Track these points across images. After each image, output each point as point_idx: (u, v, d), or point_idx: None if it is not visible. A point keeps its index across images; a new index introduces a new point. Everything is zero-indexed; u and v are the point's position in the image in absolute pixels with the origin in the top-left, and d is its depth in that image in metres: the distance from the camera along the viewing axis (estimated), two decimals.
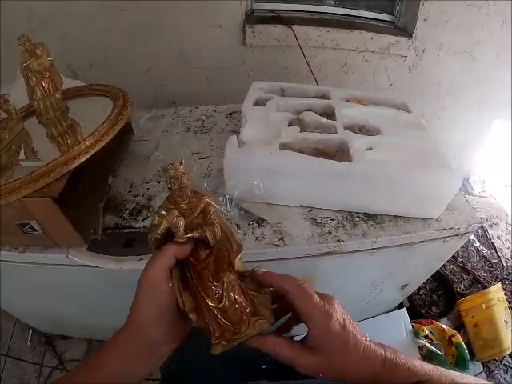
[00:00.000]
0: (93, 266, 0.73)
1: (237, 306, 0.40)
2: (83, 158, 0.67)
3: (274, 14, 1.37)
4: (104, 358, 0.42)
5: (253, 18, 1.35)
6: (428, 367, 0.40)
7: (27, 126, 0.89)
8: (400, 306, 1.37)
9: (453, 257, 1.70)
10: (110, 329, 1.24)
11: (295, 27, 1.30)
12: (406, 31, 1.47)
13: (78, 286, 0.91)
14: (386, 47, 1.42)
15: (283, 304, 0.43)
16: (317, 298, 0.40)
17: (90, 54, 1.34)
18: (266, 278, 0.42)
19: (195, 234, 0.42)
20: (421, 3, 1.34)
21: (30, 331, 1.50)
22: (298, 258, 0.75)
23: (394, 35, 1.43)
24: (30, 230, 0.72)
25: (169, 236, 0.43)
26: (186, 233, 0.42)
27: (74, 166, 0.67)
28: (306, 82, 1.36)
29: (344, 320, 0.40)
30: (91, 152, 0.68)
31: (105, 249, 0.73)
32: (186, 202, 0.44)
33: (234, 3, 1.26)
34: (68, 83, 0.94)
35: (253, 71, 1.44)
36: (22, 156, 0.81)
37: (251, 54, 1.40)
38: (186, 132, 1.02)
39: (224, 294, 0.41)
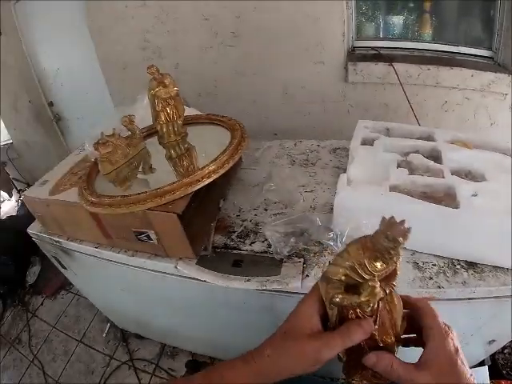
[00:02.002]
0: (200, 280, 0.78)
1: None
2: (206, 182, 0.75)
3: (375, 52, 1.40)
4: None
5: (354, 55, 1.40)
6: None
7: (147, 145, 1.00)
8: (482, 363, 1.27)
9: None
10: (186, 338, 1.31)
11: (396, 65, 1.32)
12: (506, 67, 1.40)
13: (175, 295, 0.98)
14: (487, 84, 1.37)
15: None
16: (441, 319, 0.44)
17: (200, 84, 1.47)
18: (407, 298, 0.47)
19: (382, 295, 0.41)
20: None
21: (108, 324, 1.62)
22: None
23: (493, 72, 1.38)
24: (145, 238, 0.81)
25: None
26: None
27: (197, 187, 0.74)
28: (406, 120, 1.36)
29: (458, 347, 0.43)
30: (214, 177, 0.76)
31: (213, 265, 0.79)
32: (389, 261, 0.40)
33: (336, 41, 1.32)
34: (186, 111, 1.05)
35: (353, 107, 1.48)
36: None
37: (352, 91, 1.44)
38: (291, 165, 1.07)
39: None
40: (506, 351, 1.40)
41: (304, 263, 0.75)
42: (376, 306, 0.42)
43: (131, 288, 1.07)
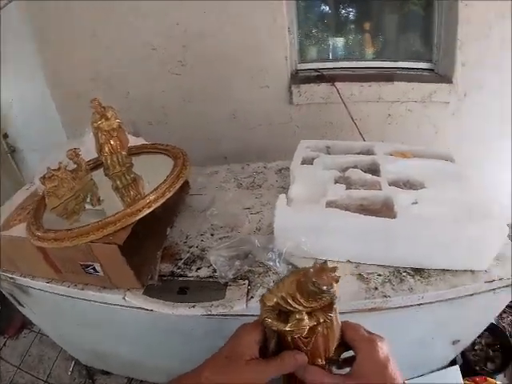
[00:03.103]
0: (147, 309, 0.78)
1: None
2: (147, 211, 0.75)
3: (318, 73, 1.45)
4: None
5: (298, 78, 1.45)
6: None
7: (94, 177, 1.00)
8: (453, 363, 1.29)
9: (510, 307, 1.59)
10: (151, 369, 1.29)
11: (338, 84, 1.38)
12: (446, 77, 1.48)
13: (128, 326, 0.97)
14: (428, 95, 1.44)
15: None
16: (364, 330, 0.46)
17: (150, 113, 1.49)
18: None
19: (311, 324, 0.42)
20: (457, 47, 1.36)
21: (73, 362, 1.56)
22: (343, 313, 0.75)
23: (434, 82, 1.46)
24: (92, 270, 0.80)
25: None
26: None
27: (138, 217, 0.74)
28: (352, 136, 1.41)
29: (387, 356, 0.43)
30: (154, 206, 0.76)
31: (160, 294, 0.78)
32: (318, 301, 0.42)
33: (280, 66, 1.37)
34: (132, 141, 1.06)
35: (300, 128, 1.52)
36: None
37: (298, 112, 1.48)
38: (238, 188, 1.09)
39: None
40: (476, 347, 1.43)
41: (249, 285, 0.75)
42: (313, 332, 0.43)
43: (86, 322, 1.05)
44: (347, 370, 0.46)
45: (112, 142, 0.93)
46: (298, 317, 0.41)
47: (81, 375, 1.53)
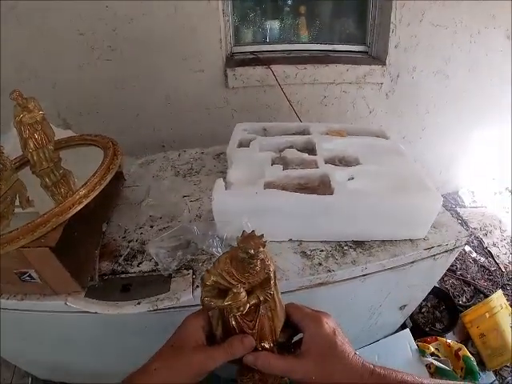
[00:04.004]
0: (91, 312, 0.74)
1: None
2: (77, 208, 0.71)
3: (254, 56, 1.45)
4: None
5: (233, 61, 1.43)
6: (427, 381, 0.42)
7: (21, 176, 0.91)
8: (403, 327, 1.37)
9: (451, 270, 1.71)
10: (109, 374, 1.24)
11: (274, 67, 1.38)
12: (380, 59, 1.55)
13: (77, 332, 0.92)
14: (362, 77, 1.50)
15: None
16: (308, 309, 0.47)
17: (80, 103, 1.40)
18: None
19: (252, 302, 0.43)
20: (390, 31, 1.43)
21: (30, 379, 1.46)
22: (291, 291, 0.76)
23: (368, 64, 1.51)
24: (28, 278, 0.74)
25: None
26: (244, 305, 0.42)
27: (68, 216, 0.70)
28: (289, 118, 1.43)
29: (335, 329, 0.45)
30: (85, 202, 0.72)
31: (102, 295, 0.75)
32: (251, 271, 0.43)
33: (214, 49, 1.34)
34: (60, 133, 0.98)
35: (237, 112, 1.50)
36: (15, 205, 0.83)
37: (234, 96, 1.47)
38: (175, 176, 1.05)
39: None
40: (423, 310, 1.52)
41: (193, 274, 0.74)
42: (256, 313, 0.44)
43: (33, 334, 0.98)
44: None
45: (36, 136, 0.85)
46: (234, 291, 0.41)
47: None
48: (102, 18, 1.28)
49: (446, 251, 0.85)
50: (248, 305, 0.43)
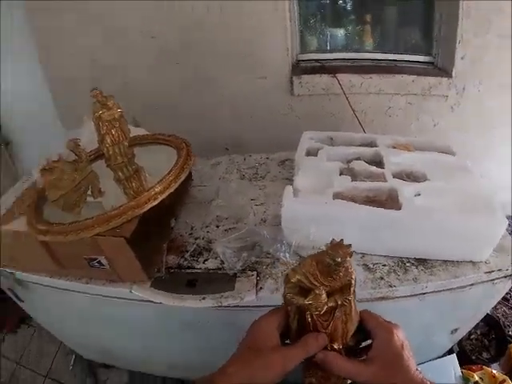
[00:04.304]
0: (155, 302, 0.77)
1: None
2: (153, 204, 0.74)
3: (319, 64, 1.45)
4: None
5: (299, 68, 1.45)
6: None
7: (95, 168, 0.97)
8: (450, 352, 1.32)
9: (505, 299, 1.62)
10: (154, 363, 1.28)
11: (339, 75, 1.37)
12: (446, 71, 1.48)
13: (134, 320, 0.96)
14: (428, 88, 1.45)
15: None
16: (381, 319, 0.48)
17: (148, 102, 1.46)
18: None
19: (330, 305, 0.45)
20: (457, 42, 1.37)
21: (73, 356, 1.55)
22: None
23: (434, 76, 1.46)
24: (97, 264, 0.79)
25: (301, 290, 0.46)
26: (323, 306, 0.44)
27: (144, 210, 0.74)
28: (353, 127, 1.41)
29: (403, 343, 0.46)
30: (160, 198, 0.76)
31: (168, 287, 0.78)
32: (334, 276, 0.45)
33: (281, 56, 1.36)
34: (132, 131, 1.05)
35: (301, 119, 1.51)
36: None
37: (299, 103, 1.47)
38: (241, 179, 1.08)
39: None
40: (472, 337, 1.45)
41: (257, 276, 0.76)
42: (332, 314, 0.46)
43: (89, 316, 1.04)
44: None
45: (114, 133, 0.91)
46: (317, 292, 0.43)
47: (82, 370, 1.52)
48: (173, 23, 1.34)
49: (505, 276, 0.81)
50: (326, 306, 0.44)
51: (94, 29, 1.41)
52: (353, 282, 0.46)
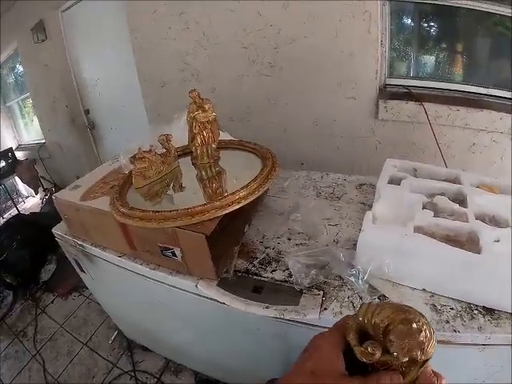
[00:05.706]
0: (219, 302, 0.80)
1: None
2: (235, 207, 0.78)
3: (406, 90, 1.43)
4: None
5: (386, 93, 1.43)
6: None
7: (180, 164, 1.04)
8: None
9: None
10: (193, 357, 1.29)
11: (426, 104, 1.34)
12: None
13: (188, 312, 1.00)
14: None
15: None
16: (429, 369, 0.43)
17: (233, 109, 1.53)
18: None
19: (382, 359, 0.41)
20: None
21: (116, 332, 1.63)
22: None
23: None
24: (170, 254, 0.83)
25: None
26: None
27: (226, 211, 0.77)
28: (433, 159, 1.38)
29: None
30: (243, 203, 0.79)
31: (233, 289, 0.80)
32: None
33: (369, 78, 1.35)
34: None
35: (381, 144, 1.50)
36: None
37: (381, 128, 1.46)
38: (317, 196, 1.09)
39: None
40: None
41: (323, 296, 0.76)
42: (415, 371, 0.41)
43: (147, 300, 1.09)
44: None
45: (205, 134, 0.97)
46: (370, 351, 0.40)
47: (121, 346, 1.60)
48: (266, 36, 1.39)
49: None
50: (375, 360, 0.41)
51: (187, 34, 1.49)
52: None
